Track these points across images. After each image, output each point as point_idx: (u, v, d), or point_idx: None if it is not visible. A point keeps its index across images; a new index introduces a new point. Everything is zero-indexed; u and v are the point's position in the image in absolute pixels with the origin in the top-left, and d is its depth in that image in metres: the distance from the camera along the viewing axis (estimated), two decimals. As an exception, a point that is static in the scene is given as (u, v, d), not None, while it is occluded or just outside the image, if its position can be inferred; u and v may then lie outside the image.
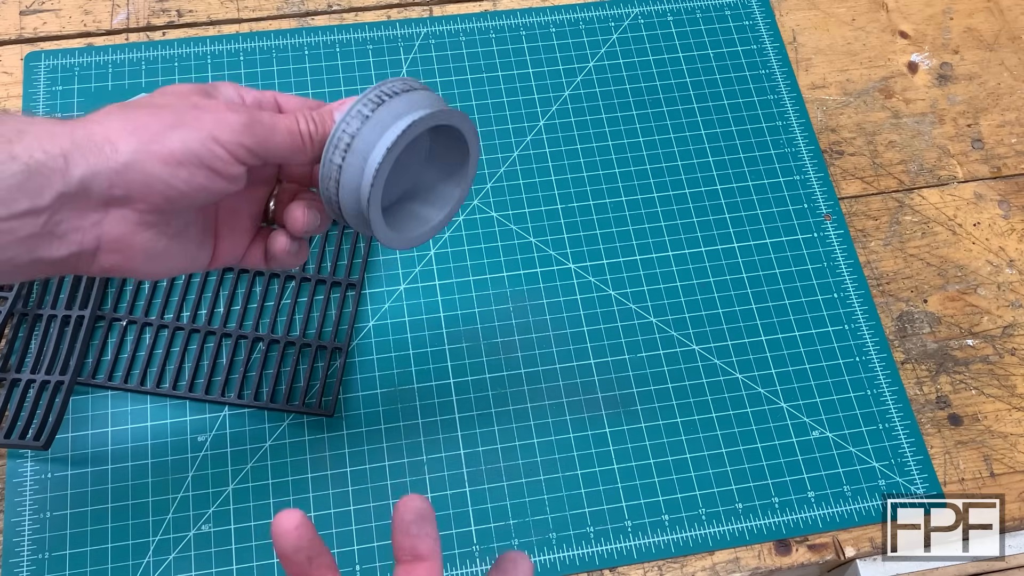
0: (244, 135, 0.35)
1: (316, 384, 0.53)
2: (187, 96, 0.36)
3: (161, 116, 0.34)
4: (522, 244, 0.58)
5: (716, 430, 0.53)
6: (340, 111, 0.37)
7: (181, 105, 0.35)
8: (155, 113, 0.34)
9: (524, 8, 0.67)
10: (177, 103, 0.35)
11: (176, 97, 0.35)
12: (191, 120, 0.34)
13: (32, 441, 0.49)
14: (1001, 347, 0.57)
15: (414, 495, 0.34)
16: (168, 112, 0.34)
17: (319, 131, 0.36)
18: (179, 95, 0.36)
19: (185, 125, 0.34)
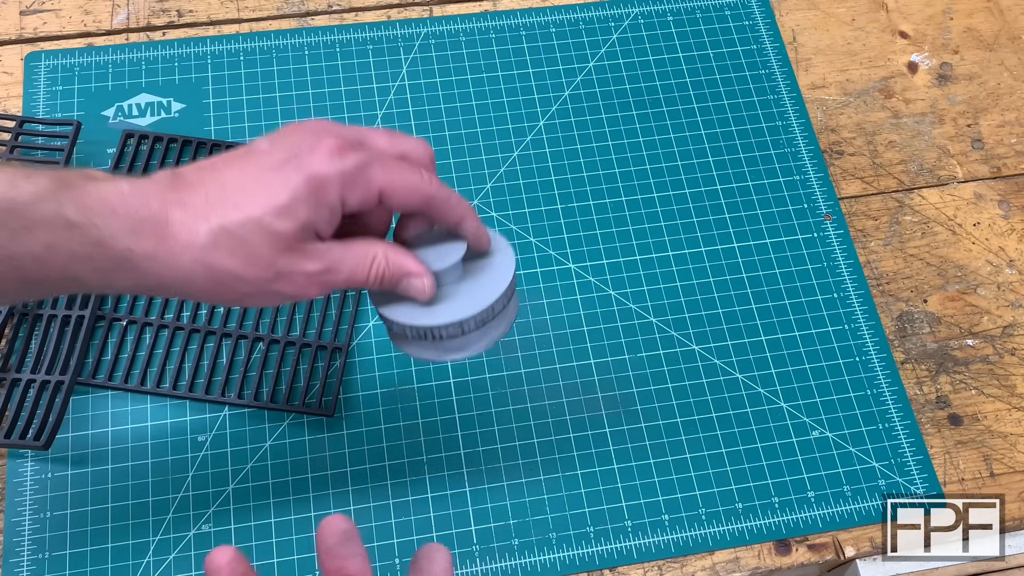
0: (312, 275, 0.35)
1: (316, 384, 0.53)
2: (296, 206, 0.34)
3: (247, 251, 0.33)
4: (522, 244, 0.58)
5: (716, 430, 0.53)
6: (418, 279, 0.37)
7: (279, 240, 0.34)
8: (236, 248, 0.33)
9: (524, 8, 0.67)
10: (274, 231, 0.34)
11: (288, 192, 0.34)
12: (271, 294, 0.35)
13: (32, 441, 0.49)
14: (1001, 347, 0.57)
15: (335, 515, 0.33)
16: (259, 250, 0.34)
17: (389, 276, 0.37)
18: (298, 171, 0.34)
19: (265, 297, 0.34)
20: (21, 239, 0.31)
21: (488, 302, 0.39)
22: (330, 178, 0.34)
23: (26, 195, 0.31)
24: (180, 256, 0.33)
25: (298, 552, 0.49)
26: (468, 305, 0.38)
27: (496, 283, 0.39)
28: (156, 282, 0.34)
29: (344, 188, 0.35)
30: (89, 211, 0.32)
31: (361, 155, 0.35)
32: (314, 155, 0.34)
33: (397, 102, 0.62)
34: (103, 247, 0.32)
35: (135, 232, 0.32)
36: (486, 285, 0.39)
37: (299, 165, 0.34)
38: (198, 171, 0.34)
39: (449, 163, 0.61)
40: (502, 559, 0.49)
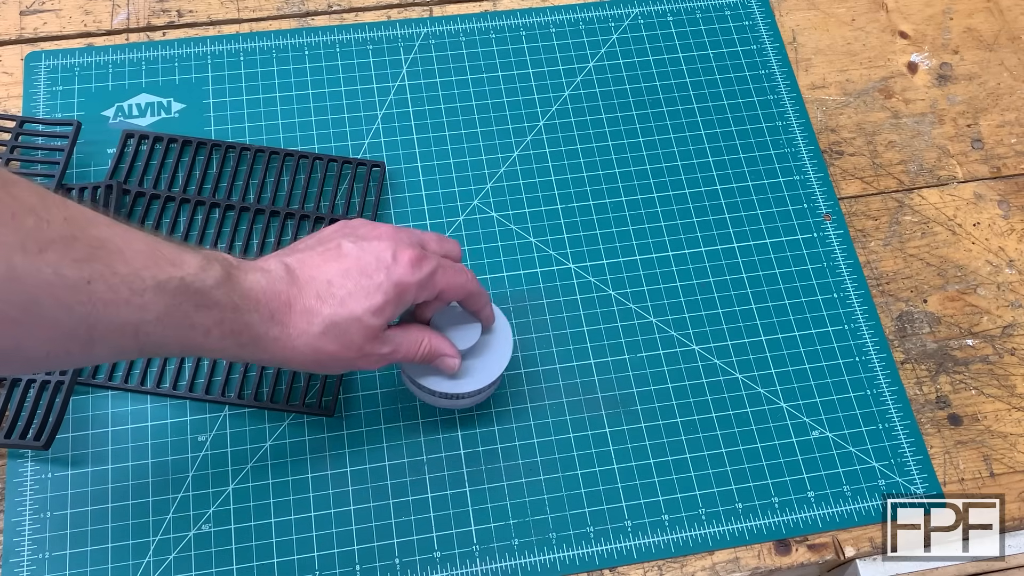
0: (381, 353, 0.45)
1: (316, 384, 0.53)
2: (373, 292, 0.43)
3: (341, 338, 0.42)
4: (522, 244, 0.58)
5: (716, 430, 0.53)
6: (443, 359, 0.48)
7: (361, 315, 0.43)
8: (336, 337, 0.42)
9: (524, 8, 0.67)
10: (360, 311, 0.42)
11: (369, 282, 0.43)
12: (349, 368, 0.44)
13: (32, 441, 0.49)
14: (1001, 347, 0.57)
15: None
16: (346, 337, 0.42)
17: (431, 356, 0.47)
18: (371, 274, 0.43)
19: (349, 353, 0.43)
20: (202, 315, 0.38)
21: (498, 373, 0.49)
22: (412, 285, 0.43)
23: (209, 280, 0.38)
24: (296, 340, 0.41)
25: (298, 552, 0.49)
26: (483, 376, 0.49)
27: (501, 357, 0.50)
28: (271, 357, 0.42)
29: (418, 292, 0.44)
30: (245, 299, 0.39)
31: (431, 264, 0.44)
32: (398, 266, 0.43)
33: (397, 102, 0.62)
34: (249, 328, 0.40)
35: (270, 320, 0.40)
36: (494, 358, 0.50)
37: (389, 274, 0.43)
38: (304, 267, 0.43)
39: (449, 163, 0.61)
40: (502, 559, 0.50)
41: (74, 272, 0.33)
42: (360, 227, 0.45)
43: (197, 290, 0.37)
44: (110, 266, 0.34)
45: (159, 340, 0.37)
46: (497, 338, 0.50)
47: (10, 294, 0.31)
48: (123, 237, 0.35)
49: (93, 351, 0.36)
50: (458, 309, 0.49)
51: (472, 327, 0.49)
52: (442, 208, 0.59)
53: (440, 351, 0.47)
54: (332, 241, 0.44)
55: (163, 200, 0.58)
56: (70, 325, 0.33)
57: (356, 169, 0.59)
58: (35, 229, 0.32)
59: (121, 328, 0.35)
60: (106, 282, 0.34)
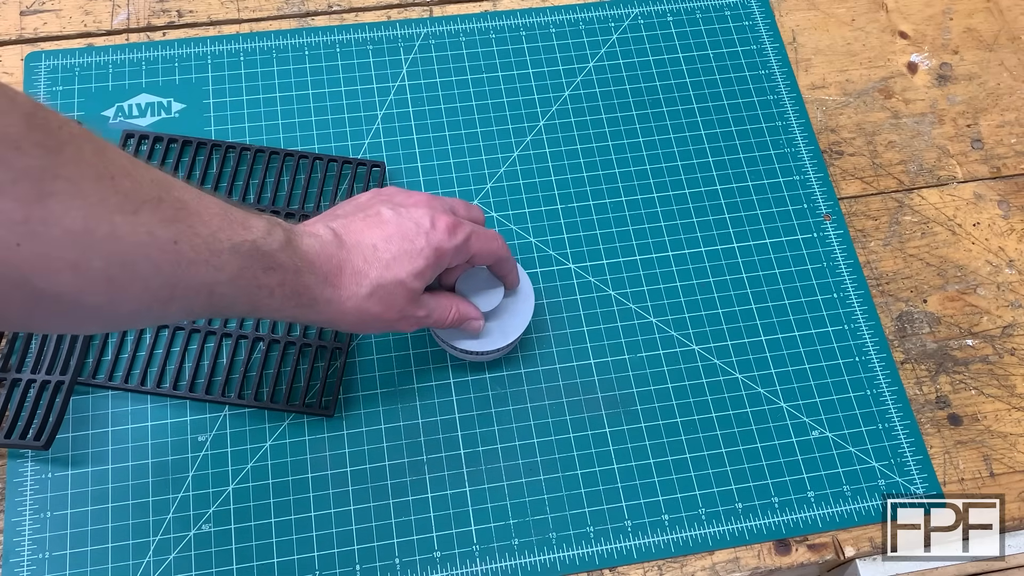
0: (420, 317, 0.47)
1: (316, 384, 0.53)
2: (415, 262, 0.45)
3: (387, 301, 0.44)
4: (522, 244, 0.58)
5: (716, 430, 0.53)
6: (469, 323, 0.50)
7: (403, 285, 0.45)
8: (381, 302, 0.44)
9: (524, 8, 0.67)
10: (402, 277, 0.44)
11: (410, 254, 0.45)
12: (389, 329, 0.46)
13: (32, 441, 0.49)
14: (1001, 347, 0.57)
15: None
16: (389, 302, 0.44)
17: (460, 320, 0.49)
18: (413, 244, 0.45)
19: (391, 315, 0.45)
20: (268, 276, 0.39)
21: (518, 334, 0.52)
22: (449, 250, 0.45)
23: (274, 244, 0.39)
24: (346, 302, 0.43)
25: (298, 552, 0.49)
26: (505, 335, 0.52)
27: (522, 318, 0.52)
28: (324, 318, 0.43)
29: (453, 256, 0.46)
30: (304, 261, 0.41)
31: (466, 230, 0.46)
32: (437, 232, 0.45)
33: (397, 102, 0.62)
34: (307, 289, 0.41)
35: (325, 282, 0.42)
36: (516, 319, 0.52)
37: (428, 239, 0.45)
38: (350, 232, 0.44)
39: (449, 163, 0.61)
40: (502, 559, 0.50)
41: (164, 232, 0.34)
42: (396, 194, 0.47)
43: (265, 253, 0.38)
44: (192, 227, 0.35)
45: (230, 300, 0.38)
46: (518, 299, 0.53)
47: (111, 253, 0.32)
48: (199, 200, 0.36)
49: (170, 310, 0.37)
50: (483, 273, 0.51)
51: (496, 290, 0.51)
52: (442, 208, 0.59)
53: (467, 315, 0.49)
54: (372, 208, 0.46)
55: (163, 200, 0.58)
56: (157, 283, 0.34)
57: (356, 169, 0.59)
58: (131, 191, 0.33)
59: (199, 288, 0.36)
60: (190, 242, 0.35)
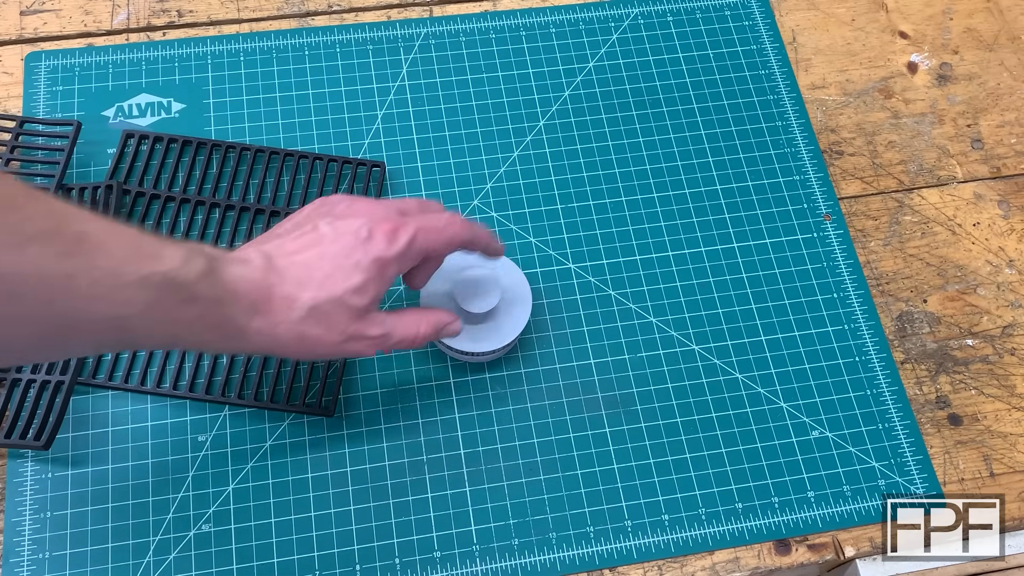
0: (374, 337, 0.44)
1: (316, 384, 0.53)
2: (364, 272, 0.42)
3: (328, 325, 0.42)
4: (522, 244, 0.58)
5: (716, 430, 0.53)
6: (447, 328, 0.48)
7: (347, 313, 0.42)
8: (318, 323, 0.42)
9: (524, 8, 0.67)
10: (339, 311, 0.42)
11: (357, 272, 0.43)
12: (340, 352, 0.43)
13: (32, 441, 0.49)
14: (1001, 347, 0.57)
15: None
16: (331, 328, 0.42)
17: (432, 333, 0.47)
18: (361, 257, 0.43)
19: (335, 354, 0.43)
20: (185, 309, 0.37)
21: (516, 334, 0.52)
22: (391, 259, 0.43)
23: (191, 274, 0.37)
24: (278, 327, 0.41)
25: (298, 552, 0.49)
26: (502, 337, 0.52)
27: (520, 318, 0.52)
28: (256, 346, 0.41)
29: (400, 263, 0.44)
30: (226, 291, 0.39)
31: (408, 232, 0.44)
32: (375, 242, 0.43)
33: (397, 102, 0.62)
34: (231, 321, 0.39)
35: (252, 311, 0.40)
36: (514, 319, 0.52)
37: (366, 251, 0.42)
38: (283, 255, 0.42)
39: (449, 163, 0.61)
40: (502, 559, 0.50)
41: (55, 266, 0.33)
42: (337, 204, 0.45)
43: (180, 284, 0.37)
44: (91, 261, 0.34)
45: (143, 334, 0.37)
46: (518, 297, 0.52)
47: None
48: (106, 232, 0.35)
49: (71, 344, 0.36)
50: (482, 273, 0.51)
51: (495, 290, 0.50)
52: (442, 208, 0.59)
53: (439, 322, 0.47)
54: (308, 223, 0.44)
55: (163, 200, 0.58)
56: (50, 319, 0.33)
57: (356, 169, 0.59)
58: (17, 223, 0.32)
59: (103, 322, 0.35)
60: (88, 276, 0.34)
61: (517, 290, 0.52)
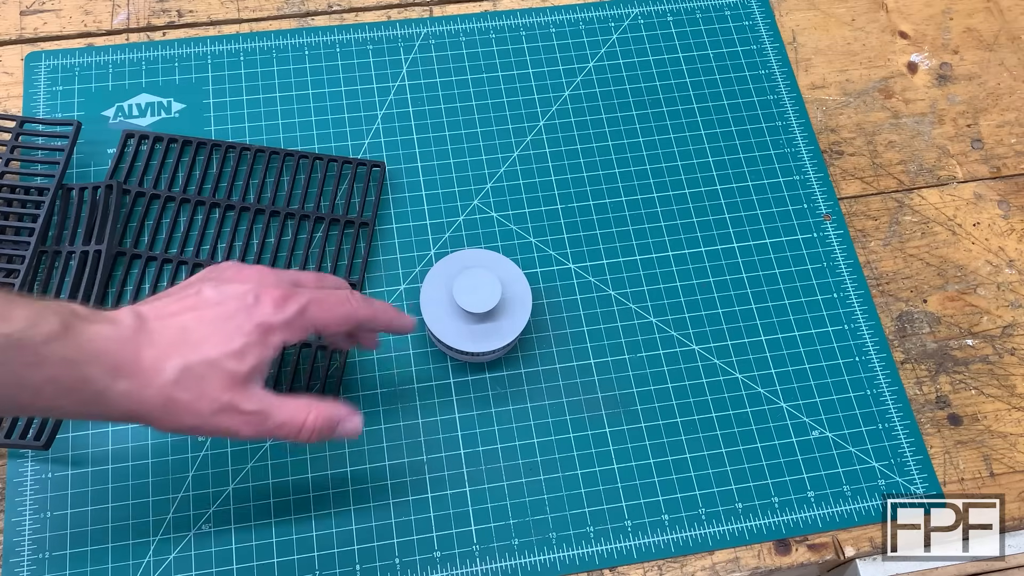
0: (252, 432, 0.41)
1: (316, 384, 0.53)
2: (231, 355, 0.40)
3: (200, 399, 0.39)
4: (522, 244, 0.58)
5: (716, 430, 0.53)
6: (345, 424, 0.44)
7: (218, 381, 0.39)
8: (192, 397, 0.39)
9: (524, 8, 0.67)
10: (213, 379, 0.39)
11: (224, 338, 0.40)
12: (212, 427, 0.40)
13: (32, 441, 0.49)
14: (1001, 347, 0.57)
15: None
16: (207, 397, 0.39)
17: (326, 428, 0.43)
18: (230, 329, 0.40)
19: (207, 429, 0.40)
20: (32, 372, 0.35)
21: (516, 334, 0.51)
22: (276, 326, 0.41)
23: (39, 336, 0.35)
24: (144, 391, 0.38)
25: (298, 552, 0.49)
26: (502, 337, 0.51)
27: (520, 318, 0.52)
28: (121, 413, 0.38)
29: (286, 332, 0.41)
30: (83, 352, 0.36)
31: (299, 301, 0.42)
32: (261, 307, 0.41)
33: (397, 102, 0.62)
34: (88, 383, 0.37)
35: (114, 374, 0.37)
36: (514, 319, 0.52)
37: (250, 315, 0.40)
38: (159, 317, 0.40)
39: (449, 163, 0.61)
40: (502, 559, 0.50)
41: None
42: (226, 269, 0.43)
43: (24, 346, 0.34)
44: None
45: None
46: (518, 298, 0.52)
47: None
48: None
49: None
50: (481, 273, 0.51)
51: (494, 290, 0.50)
52: (442, 208, 0.59)
53: (333, 417, 0.43)
54: (192, 287, 0.42)
55: (163, 200, 0.58)
56: None
57: (356, 169, 0.59)
58: None
59: None
60: None
61: (517, 290, 0.52)
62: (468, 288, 0.50)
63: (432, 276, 0.52)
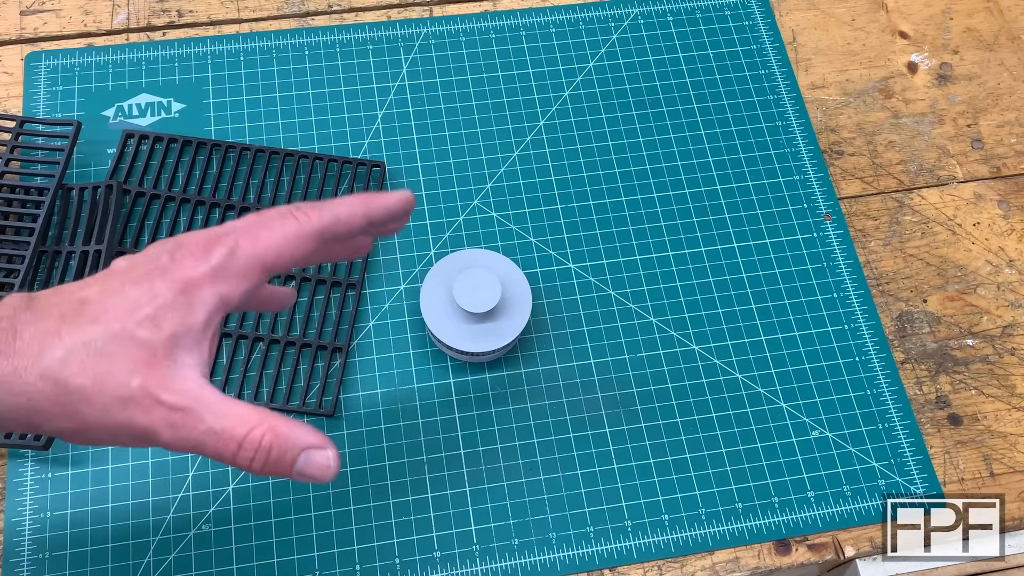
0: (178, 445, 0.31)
1: (316, 384, 0.53)
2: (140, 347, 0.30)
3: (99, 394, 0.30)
4: (522, 244, 0.58)
5: (716, 430, 0.53)
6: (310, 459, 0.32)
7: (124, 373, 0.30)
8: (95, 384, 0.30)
9: (524, 8, 0.67)
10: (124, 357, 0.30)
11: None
12: (120, 427, 0.30)
13: (32, 441, 0.49)
14: (1001, 347, 0.57)
15: None
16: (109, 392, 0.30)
17: (277, 450, 0.31)
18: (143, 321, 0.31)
19: (114, 430, 0.30)
20: None
21: (516, 334, 0.51)
22: (200, 279, 0.31)
23: None
24: (25, 374, 0.29)
25: (298, 552, 0.49)
26: (501, 337, 0.51)
27: (519, 318, 0.52)
28: (1, 409, 0.30)
29: (219, 283, 0.32)
30: None
31: (225, 243, 0.32)
32: (177, 261, 0.32)
33: (397, 102, 0.62)
34: None
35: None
36: (513, 319, 0.51)
37: (165, 274, 0.31)
38: (55, 293, 0.32)
39: (449, 163, 0.61)
40: (502, 559, 0.50)
41: None
42: (153, 244, 0.34)
43: None
44: None
45: None
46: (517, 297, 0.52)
47: None
48: None
49: None
50: (481, 273, 0.50)
51: (494, 290, 0.50)
52: (442, 208, 0.59)
53: (293, 446, 0.31)
54: (105, 267, 0.35)
55: (163, 200, 0.58)
56: None
57: (356, 169, 0.59)
58: None
59: None
60: None
61: (517, 290, 0.52)
62: (468, 288, 0.50)
63: (432, 276, 0.52)
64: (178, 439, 0.30)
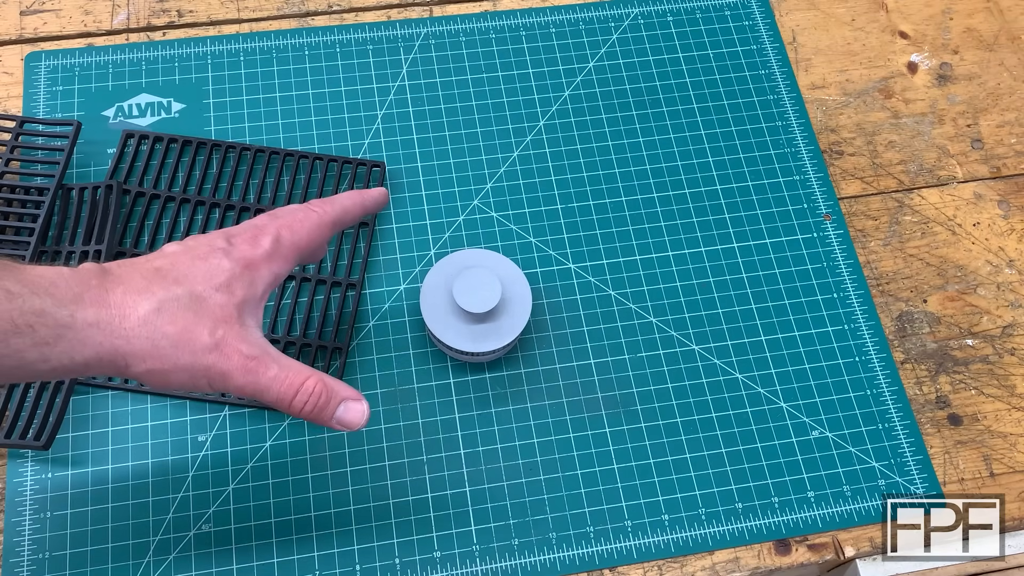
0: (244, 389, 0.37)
1: (316, 384, 0.53)
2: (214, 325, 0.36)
3: (177, 356, 0.35)
4: (522, 244, 0.58)
5: (716, 430, 0.53)
6: (352, 411, 0.40)
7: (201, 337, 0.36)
8: (174, 351, 0.35)
9: (524, 8, 0.67)
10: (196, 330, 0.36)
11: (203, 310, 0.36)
12: (203, 369, 0.36)
13: (32, 441, 0.49)
14: (1001, 347, 0.57)
15: None
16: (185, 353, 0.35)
17: (325, 398, 0.39)
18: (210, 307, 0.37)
19: (196, 372, 0.36)
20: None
21: (516, 334, 0.51)
22: (258, 260, 0.39)
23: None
24: (124, 322, 0.34)
25: (298, 552, 0.49)
26: (501, 337, 0.51)
27: (520, 318, 0.52)
28: (94, 352, 0.34)
29: (273, 263, 0.40)
30: (29, 284, 0.32)
31: (270, 232, 0.40)
32: (235, 246, 0.39)
33: (397, 102, 0.62)
34: (44, 316, 0.32)
35: (78, 300, 0.33)
36: (514, 319, 0.51)
37: (227, 254, 0.38)
38: (124, 264, 0.36)
39: (449, 163, 0.61)
40: (502, 559, 0.50)
41: None
42: (197, 236, 0.41)
43: None
44: None
45: None
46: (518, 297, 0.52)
47: None
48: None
49: None
50: (482, 273, 0.50)
51: (494, 290, 0.50)
52: (442, 208, 0.59)
53: (336, 396, 0.39)
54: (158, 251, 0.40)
55: (163, 200, 0.58)
56: None
57: (356, 169, 0.59)
58: None
59: None
60: None
61: (517, 290, 0.52)
62: (468, 288, 0.50)
63: (432, 276, 0.52)
64: (248, 383, 0.37)
